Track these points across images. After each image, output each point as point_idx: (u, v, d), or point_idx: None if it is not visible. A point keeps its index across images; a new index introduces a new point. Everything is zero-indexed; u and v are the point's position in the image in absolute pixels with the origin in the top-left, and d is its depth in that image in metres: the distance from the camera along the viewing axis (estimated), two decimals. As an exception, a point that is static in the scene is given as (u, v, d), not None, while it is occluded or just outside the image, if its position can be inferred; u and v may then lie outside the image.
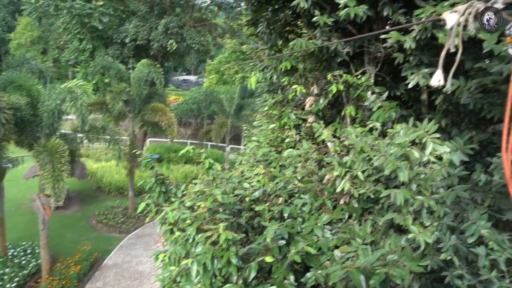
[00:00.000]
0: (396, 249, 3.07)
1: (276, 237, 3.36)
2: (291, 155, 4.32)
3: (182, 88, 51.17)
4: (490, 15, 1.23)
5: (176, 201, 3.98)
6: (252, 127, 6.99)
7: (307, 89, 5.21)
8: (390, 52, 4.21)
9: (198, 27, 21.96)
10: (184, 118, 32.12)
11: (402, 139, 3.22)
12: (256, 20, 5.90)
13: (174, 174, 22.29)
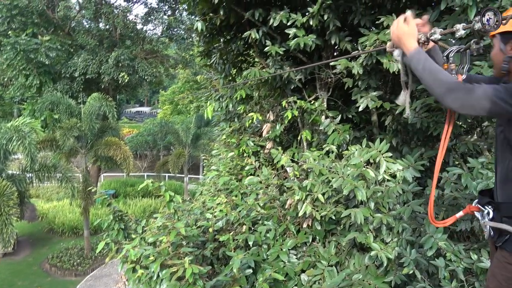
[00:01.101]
0: (360, 268, 3.14)
1: (243, 267, 3.34)
2: (252, 182, 4.35)
3: (136, 120, 50.33)
4: (489, 15, 1.34)
5: (137, 237, 3.87)
6: (210, 156, 6.97)
7: (263, 116, 5.31)
8: (340, 77, 4.41)
9: (150, 59, 21.88)
10: (140, 151, 31.43)
11: (357, 160, 3.35)
12: (208, 51, 5.98)
13: (132, 209, 21.55)
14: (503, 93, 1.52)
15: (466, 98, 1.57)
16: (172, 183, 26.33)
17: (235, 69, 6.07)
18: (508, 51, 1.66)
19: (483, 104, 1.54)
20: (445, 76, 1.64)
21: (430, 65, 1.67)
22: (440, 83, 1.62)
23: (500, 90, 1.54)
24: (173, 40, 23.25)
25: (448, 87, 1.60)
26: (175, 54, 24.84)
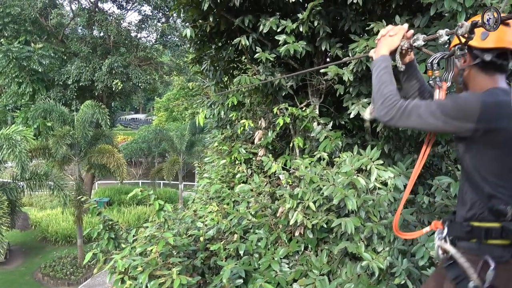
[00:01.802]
0: (352, 277, 3.09)
1: (233, 276, 3.28)
2: (243, 190, 4.31)
3: (131, 127, 50.16)
4: (489, 15, 1.31)
5: (127, 247, 3.80)
6: (203, 163, 6.91)
7: (255, 123, 5.27)
8: (331, 84, 4.39)
9: (144, 66, 21.84)
10: (134, 158, 31.28)
11: (348, 167, 3.31)
12: (200, 58, 5.95)
13: (126, 216, 21.40)
14: (435, 108, 1.51)
15: (401, 114, 1.58)
16: (167, 190, 26.19)
17: (227, 76, 6.04)
18: (461, 64, 1.62)
19: (418, 121, 1.56)
20: (387, 92, 1.64)
21: (383, 75, 1.69)
22: (383, 94, 1.64)
23: (431, 105, 1.53)
24: (167, 47, 23.25)
25: (381, 101, 1.63)
26: (169, 61, 24.83)
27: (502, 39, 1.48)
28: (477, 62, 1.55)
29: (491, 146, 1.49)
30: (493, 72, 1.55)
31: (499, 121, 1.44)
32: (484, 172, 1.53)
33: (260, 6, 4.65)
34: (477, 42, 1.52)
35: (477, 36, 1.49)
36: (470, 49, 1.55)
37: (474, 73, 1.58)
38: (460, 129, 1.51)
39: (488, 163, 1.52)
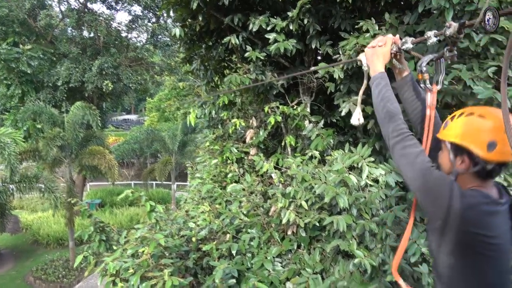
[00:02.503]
0: (345, 275, 3.09)
1: (226, 276, 3.26)
2: (235, 190, 4.29)
3: (123, 128, 49.87)
4: (489, 15, 1.28)
5: (118, 249, 3.76)
6: (195, 163, 6.87)
7: (246, 122, 5.25)
8: (322, 82, 4.38)
9: (135, 66, 21.69)
10: (126, 159, 31.07)
11: (340, 165, 3.31)
12: (190, 57, 5.92)
13: (119, 218, 21.25)
14: (424, 173, 1.48)
15: (397, 142, 1.58)
16: (159, 191, 26.06)
17: (218, 75, 6.01)
18: (457, 164, 1.54)
19: (402, 161, 1.56)
20: (394, 109, 1.65)
21: (385, 92, 1.70)
22: (387, 114, 1.65)
23: (432, 170, 1.49)
24: (158, 47, 23.12)
25: (388, 119, 1.64)
26: (160, 61, 24.69)
27: (508, 152, 1.41)
28: (477, 169, 1.49)
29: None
30: (487, 178, 1.50)
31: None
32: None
33: (250, 5, 4.63)
34: (483, 153, 1.44)
35: (483, 146, 1.43)
36: (471, 155, 1.47)
37: (469, 176, 1.52)
38: (429, 208, 1.52)
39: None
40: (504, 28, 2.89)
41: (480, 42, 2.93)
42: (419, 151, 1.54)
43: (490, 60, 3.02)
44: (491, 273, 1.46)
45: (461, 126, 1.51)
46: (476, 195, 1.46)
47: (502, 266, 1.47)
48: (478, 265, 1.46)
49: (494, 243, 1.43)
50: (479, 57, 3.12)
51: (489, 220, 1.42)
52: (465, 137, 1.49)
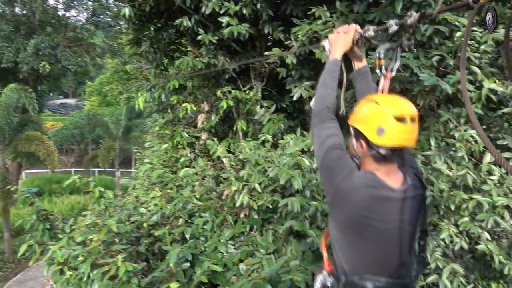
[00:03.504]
0: (297, 254, 3.20)
1: (180, 261, 3.26)
2: (188, 174, 4.26)
3: (60, 113, 47.23)
4: (489, 15, 1.32)
5: (64, 237, 3.62)
6: (143, 149, 6.71)
7: (197, 107, 5.21)
8: (274, 67, 4.43)
9: (74, 47, 20.52)
10: (66, 145, 29.59)
11: (293, 149, 3.40)
12: (138, 39, 5.73)
13: (59, 207, 20.24)
14: (326, 151, 1.58)
15: (316, 124, 1.68)
16: (102, 178, 25.09)
17: (167, 58, 5.87)
18: (358, 148, 1.58)
19: (315, 140, 1.66)
20: (325, 93, 1.75)
21: (326, 78, 1.79)
22: (318, 96, 1.77)
23: (334, 150, 1.57)
24: (99, 27, 21.99)
25: (317, 104, 1.75)
26: (102, 42, 23.54)
27: (397, 137, 1.46)
28: (373, 153, 1.52)
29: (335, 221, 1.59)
30: (384, 163, 1.54)
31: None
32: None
33: (202, -14, 4.55)
34: (373, 138, 1.49)
35: (374, 131, 1.48)
36: (367, 140, 1.52)
37: (368, 159, 1.56)
38: (324, 185, 1.61)
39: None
40: (447, 20, 3.09)
41: (426, 32, 3.11)
42: (331, 133, 1.62)
43: (434, 49, 3.23)
44: (368, 252, 1.54)
45: (359, 112, 1.57)
46: (365, 178, 1.50)
47: (381, 248, 1.53)
48: (356, 243, 1.54)
49: (375, 226, 1.49)
50: (424, 46, 3.31)
51: (374, 204, 1.48)
52: (360, 122, 1.55)
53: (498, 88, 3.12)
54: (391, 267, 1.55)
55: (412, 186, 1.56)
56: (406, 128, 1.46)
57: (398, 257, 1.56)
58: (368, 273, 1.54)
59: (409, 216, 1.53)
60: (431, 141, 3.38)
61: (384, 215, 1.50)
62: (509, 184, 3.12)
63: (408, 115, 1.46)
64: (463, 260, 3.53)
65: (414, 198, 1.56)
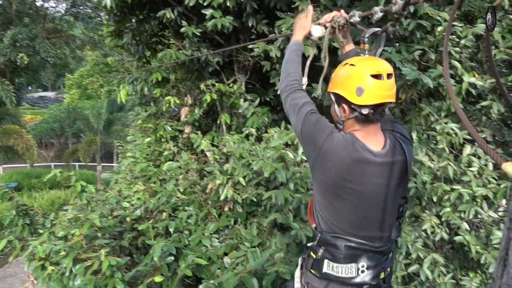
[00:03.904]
0: (282, 247, 3.22)
1: (164, 254, 3.25)
2: (171, 168, 4.23)
3: (39, 106, 46.21)
4: (489, 15, 1.34)
5: (45, 232, 3.56)
6: (125, 142, 6.63)
7: (181, 100, 5.16)
8: (257, 60, 4.42)
9: (53, 39, 20.09)
10: (45, 139, 28.98)
11: (277, 142, 3.41)
12: (119, 30, 5.63)
13: (39, 202, 19.83)
14: (304, 117, 1.62)
15: (287, 95, 1.73)
16: (83, 173, 24.68)
17: (150, 51, 5.79)
18: (341, 113, 1.61)
19: (290, 110, 1.70)
20: (291, 67, 1.80)
21: (290, 55, 1.84)
22: (284, 70, 1.80)
23: (311, 115, 1.62)
24: (79, 19, 21.56)
25: (284, 77, 1.79)
26: (82, 34, 23.09)
27: (377, 94, 1.49)
28: (355, 115, 1.55)
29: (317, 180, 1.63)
30: (366, 123, 1.57)
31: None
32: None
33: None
34: (353, 99, 1.52)
35: (353, 92, 1.51)
36: (348, 101, 1.55)
37: (351, 122, 1.59)
38: (306, 151, 1.65)
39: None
40: (428, 14, 3.13)
41: (408, 26, 3.15)
42: (304, 101, 1.67)
43: (416, 44, 3.27)
44: (344, 214, 1.59)
45: (337, 77, 1.62)
46: (345, 140, 1.53)
47: (357, 211, 1.57)
48: (334, 204, 1.58)
49: (353, 188, 1.53)
50: (407, 40, 3.35)
51: (353, 166, 1.51)
52: (339, 86, 1.58)
53: (478, 82, 3.19)
54: (368, 230, 1.60)
55: (392, 151, 1.59)
56: (384, 84, 1.50)
57: (376, 221, 1.60)
58: (343, 233, 1.58)
59: (389, 181, 1.57)
60: (412, 134, 3.44)
61: (362, 178, 1.53)
62: (488, 175, 3.20)
63: (384, 71, 1.51)
64: (443, 250, 3.62)
65: (394, 164, 1.58)
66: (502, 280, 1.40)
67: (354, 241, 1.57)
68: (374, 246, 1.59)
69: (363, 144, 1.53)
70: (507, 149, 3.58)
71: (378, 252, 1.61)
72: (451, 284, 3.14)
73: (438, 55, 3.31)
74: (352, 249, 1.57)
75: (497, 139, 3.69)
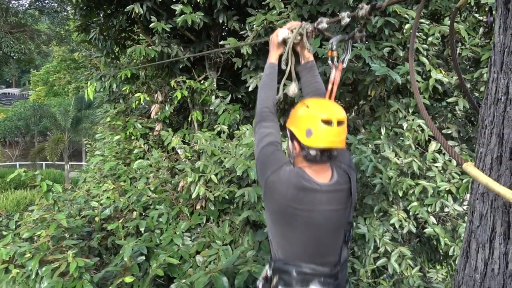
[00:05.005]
0: (254, 244, 3.22)
1: (134, 254, 3.19)
2: (142, 166, 4.16)
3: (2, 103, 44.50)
4: (490, 16, 1.34)
5: (9, 234, 3.43)
6: (94, 140, 6.46)
7: (151, 97, 5.07)
8: (229, 57, 4.40)
9: (16, 33, 19.33)
10: (9, 137, 27.92)
11: (249, 139, 3.40)
12: (86, 25, 5.47)
13: (3, 203, 19.12)
14: (262, 147, 1.70)
15: (257, 123, 1.82)
16: (50, 172, 23.96)
17: (118, 46, 5.66)
18: (293, 149, 1.65)
19: (255, 138, 1.79)
20: (265, 95, 1.87)
21: (265, 80, 1.92)
22: (259, 97, 1.87)
23: (269, 146, 1.69)
24: (44, 13, 20.81)
25: (258, 105, 1.86)
26: (47, 29, 22.33)
27: (324, 139, 1.53)
28: (304, 154, 1.59)
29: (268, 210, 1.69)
30: (314, 162, 1.61)
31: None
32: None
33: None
34: (302, 139, 1.57)
35: (303, 133, 1.56)
36: (298, 141, 1.59)
37: (301, 159, 1.62)
38: (259, 179, 1.71)
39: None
40: (396, 12, 3.19)
41: (376, 24, 3.20)
42: (269, 132, 1.74)
43: (385, 41, 3.33)
44: (295, 240, 1.63)
45: (293, 115, 1.66)
46: (292, 172, 1.60)
47: (308, 237, 1.61)
48: (285, 232, 1.63)
49: (302, 216, 1.58)
50: (375, 38, 3.41)
51: (301, 195, 1.56)
52: (293, 124, 1.63)
53: (444, 79, 3.27)
54: (318, 255, 1.64)
55: (338, 182, 1.64)
56: (332, 130, 1.54)
57: (326, 246, 1.65)
58: (294, 260, 1.63)
59: (335, 207, 1.62)
60: (381, 131, 3.50)
61: (311, 205, 1.58)
62: (452, 170, 3.30)
63: (335, 118, 1.55)
64: (411, 244, 3.71)
65: (341, 191, 1.64)
66: (464, 272, 1.45)
67: (305, 266, 1.62)
68: (324, 271, 1.63)
69: (310, 177, 1.59)
70: (471, 145, 3.70)
71: (329, 275, 1.65)
72: (418, 276, 3.22)
73: (406, 52, 3.39)
74: (303, 275, 1.61)
75: (462, 135, 3.81)
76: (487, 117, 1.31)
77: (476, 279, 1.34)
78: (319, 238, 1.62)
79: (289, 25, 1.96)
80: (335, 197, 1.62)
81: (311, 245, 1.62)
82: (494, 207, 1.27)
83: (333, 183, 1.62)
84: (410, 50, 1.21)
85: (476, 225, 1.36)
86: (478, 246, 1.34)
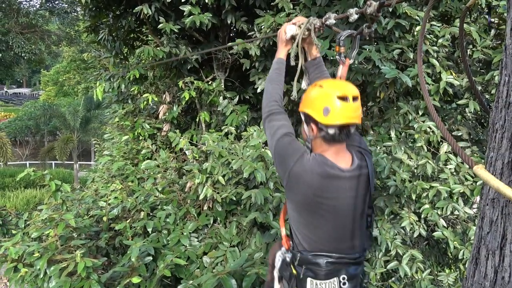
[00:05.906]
0: (261, 246, 3.21)
1: (142, 255, 3.19)
2: (149, 167, 4.17)
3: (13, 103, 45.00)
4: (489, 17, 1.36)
5: (18, 233, 3.45)
6: (102, 140, 6.50)
7: (159, 97, 5.08)
8: (237, 58, 4.39)
9: (27, 34, 19.54)
10: (20, 137, 28.23)
11: (256, 141, 3.39)
12: (96, 26, 5.50)
13: (13, 201, 19.31)
14: (278, 140, 1.68)
15: (266, 117, 1.79)
16: (60, 171, 24.17)
17: (127, 47, 5.69)
18: (310, 132, 1.67)
19: (267, 133, 1.77)
20: (273, 88, 1.85)
21: (272, 75, 1.91)
22: (266, 91, 1.86)
23: (284, 137, 1.67)
24: (54, 13, 21.00)
25: (265, 99, 1.84)
26: (57, 29, 22.54)
27: (342, 115, 1.54)
28: (322, 135, 1.60)
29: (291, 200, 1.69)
30: (333, 143, 1.62)
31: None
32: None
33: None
34: (320, 118, 1.57)
35: (320, 112, 1.56)
36: (316, 121, 1.60)
37: (319, 141, 1.64)
38: (279, 171, 1.70)
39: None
40: (407, 13, 3.16)
41: (387, 25, 3.17)
42: (280, 124, 1.73)
43: (395, 43, 3.30)
44: (323, 230, 1.64)
45: (307, 97, 1.67)
46: (315, 160, 1.60)
47: (336, 225, 1.63)
48: (312, 222, 1.64)
49: (328, 204, 1.59)
50: (385, 39, 3.38)
51: (325, 183, 1.57)
52: (308, 106, 1.64)
53: (454, 81, 3.24)
54: (344, 243, 1.66)
55: (359, 166, 1.66)
56: (349, 106, 1.56)
57: (350, 232, 1.66)
58: (322, 250, 1.64)
59: (358, 193, 1.64)
60: (391, 133, 3.47)
61: (336, 193, 1.60)
62: (465, 172, 3.26)
63: (350, 94, 1.57)
64: (419, 247, 3.68)
65: (362, 176, 1.66)
66: (474, 279, 1.42)
67: (334, 256, 1.63)
68: (351, 257, 1.66)
69: (333, 163, 1.60)
70: (482, 147, 3.66)
71: (355, 263, 1.67)
72: (428, 279, 3.19)
73: (416, 54, 3.35)
74: (332, 264, 1.63)
75: (472, 137, 3.77)
76: (498, 121, 1.28)
77: (486, 287, 1.31)
78: (344, 225, 1.64)
79: (296, 20, 1.95)
80: (358, 183, 1.64)
81: (337, 233, 1.64)
82: (504, 213, 1.24)
83: (355, 168, 1.64)
84: (419, 51, 1.20)
85: (486, 231, 1.33)
86: (488, 252, 1.31)
